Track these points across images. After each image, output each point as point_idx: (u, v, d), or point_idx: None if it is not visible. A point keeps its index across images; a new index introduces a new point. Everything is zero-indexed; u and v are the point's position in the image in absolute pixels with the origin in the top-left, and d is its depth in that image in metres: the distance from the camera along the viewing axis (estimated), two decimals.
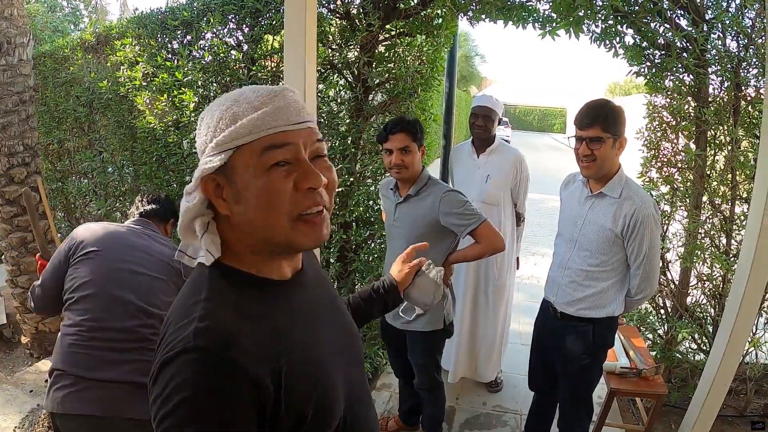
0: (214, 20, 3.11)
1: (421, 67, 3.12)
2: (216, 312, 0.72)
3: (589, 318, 2.06)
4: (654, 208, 1.95)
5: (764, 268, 2.02)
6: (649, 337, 3.17)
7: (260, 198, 0.74)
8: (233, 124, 0.74)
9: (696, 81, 2.85)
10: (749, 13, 2.79)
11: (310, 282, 0.90)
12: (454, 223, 2.08)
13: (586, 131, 1.91)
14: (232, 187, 0.76)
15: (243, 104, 0.75)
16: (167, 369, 0.67)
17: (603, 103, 1.96)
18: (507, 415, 3.03)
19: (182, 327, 0.70)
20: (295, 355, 0.76)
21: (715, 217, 3.00)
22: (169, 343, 0.69)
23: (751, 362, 3.05)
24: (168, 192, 3.57)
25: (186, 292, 0.79)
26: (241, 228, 0.78)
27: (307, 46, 1.92)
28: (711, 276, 2.99)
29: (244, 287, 0.78)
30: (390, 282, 1.31)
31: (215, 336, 0.68)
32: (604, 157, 1.91)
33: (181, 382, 0.65)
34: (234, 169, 0.75)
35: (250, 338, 0.71)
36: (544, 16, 2.90)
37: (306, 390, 0.75)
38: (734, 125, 2.81)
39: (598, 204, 2.00)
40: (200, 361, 0.66)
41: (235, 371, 0.67)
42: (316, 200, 0.77)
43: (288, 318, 0.80)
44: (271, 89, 0.77)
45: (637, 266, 1.97)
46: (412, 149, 2.08)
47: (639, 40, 2.91)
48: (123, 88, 3.44)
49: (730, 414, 3.01)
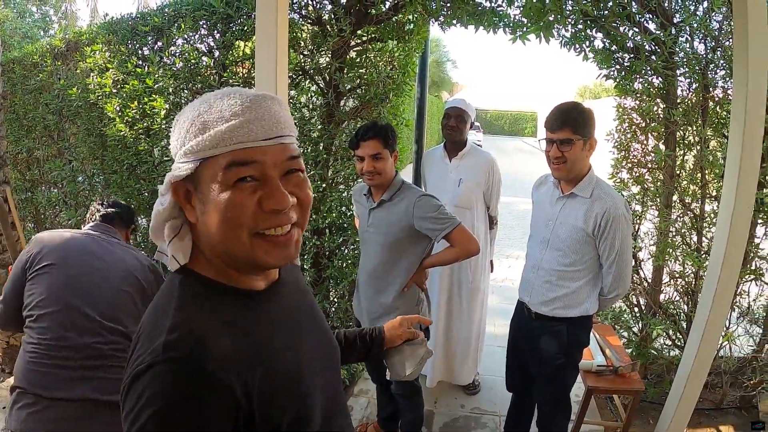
0: (185, 26, 3.07)
1: (392, 72, 3.13)
2: (186, 322, 0.70)
3: (563, 317, 2.08)
4: (625, 207, 1.98)
5: (735, 264, 2.05)
6: (624, 335, 3.22)
7: (222, 212, 0.72)
8: (201, 134, 0.72)
9: (665, 83, 2.91)
10: (716, 16, 2.86)
11: (287, 292, 0.89)
12: (428, 227, 2.08)
13: (556, 134, 1.94)
14: (198, 197, 0.75)
15: (214, 113, 0.72)
16: (138, 383, 0.65)
17: (572, 106, 1.99)
18: (485, 417, 3.04)
19: (152, 339, 0.69)
20: (272, 364, 0.75)
21: (685, 216, 3.06)
22: (140, 356, 0.68)
23: (726, 356, 3.11)
24: (139, 201, 3.52)
25: (157, 302, 0.77)
26: (207, 237, 0.76)
27: (278, 53, 1.90)
28: (683, 273, 3.05)
29: (216, 297, 0.76)
30: (379, 335, 1.26)
31: (185, 347, 0.67)
32: (575, 159, 1.94)
33: (152, 395, 0.64)
34: (200, 179, 0.73)
35: (221, 347, 0.69)
36: (515, 20, 2.93)
37: (282, 400, 0.74)
38: (703, 125, 2.87)
39: (570, 204, 2.03)
40: (171, 372, 0.65)
41: (206, 380, 0.66)
42: (280, 221, 0.75)
43: (264, 327, 0.79)
44: (247, 98, 0.74)
45: (609, 265, 1.99)
46: (383, 156, 2.07)
47: (608, 44, 2.97)
48: (93, 95, 3.37)
49: (707, 407, 3.07)
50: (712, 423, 2.99)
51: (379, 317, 2.22)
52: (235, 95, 0.74)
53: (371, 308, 2.27)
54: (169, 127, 3.24)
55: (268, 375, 0.73)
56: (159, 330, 0.69)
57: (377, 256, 2.20)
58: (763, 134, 2.01)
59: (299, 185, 0.78)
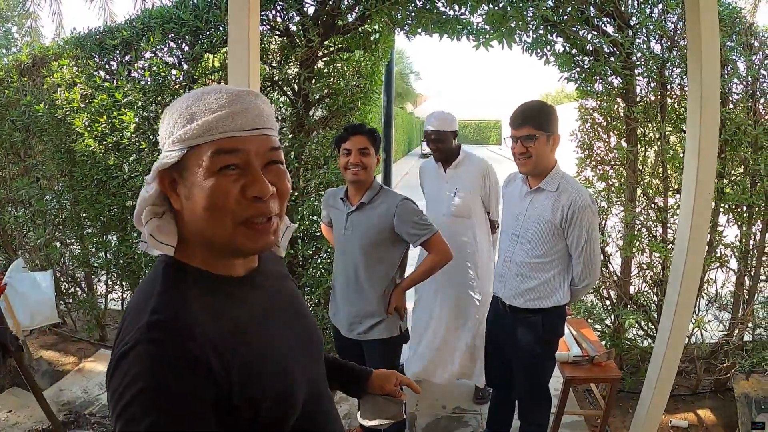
0: (154, 39, 3.08)
1: (360, 81, 3.18)
2: (169, 305, 0.73)
3: (537, 309, 2.13)
4: (590, 198, 2.05)
5: (699, 251, 2.14)
6: (597, 327, 3.30)
7: (206, 198, 0.75)
8: (189, 123, 0.76)
9: (624, 83, 3.04)
10: (671, 17, 3.01)
11: (266, 279, 0.91)
12: (408, 231, 2.11)
13: (520, 130, 2.01)
14: (184, 184, 0.78)
15: (202, 105, 0.76)
16: (123, 363, 0.67)
17: (534, 103, 2.08)
18: (467, 415, 3.06)
19: (136, 321, 0.71)
20: (250, 348, 0.78)
21: (649, 209, 3.18)
22: (124, 337, 0.70)
23: (698, 342, 3.23)
24: (109, 217, 3.47)
25: (141, 287, 0.80)
26: (191, 224, 0.80)
27: (250, 65, 1.93)
28: (651, 264, 3.17)
29: (198, 282, 0.79)
30: (367, 376, 1.24)
31: (168, 327, 0.70)
32: (539, 154, 2.01)
33: (137, 374, 0.66)
34: (186, 167, 0.77)
35: (202, 329, 0.72)
36: (478, 28, 3.02)
37: (261, 381, 0.77)
38: (662, 122, 3.01)
39: (537, 198, 2.10)
40: (154, 352, 0.67)
41: (189, 360, 0.68)
42: (261, 210, 0.78)
43: (242, 312, 0.81)
44: (234, 92, 0.78)
45: (578, 255, 2.06)
46: (370, 152, 2.11)
47: (568, 48, 3.09)
48: (60, 110, 3.32)
49: (683, 393, 3.18)
50: (689, 408, 3.09)
51: (360, 322, 2.22)
52: (222, 90, 0.78)
53: (351, 313, 2.25)
54: (138, 141, 3.23)
55: (246, 355, 0.76)
56: (142, 312, 0.72)
57: (356, 260, 2.20)
58: (718, 127, 2.12)
59: (279, 176, 0.81)
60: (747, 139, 2.92)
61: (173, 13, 3.10)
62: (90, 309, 3.72)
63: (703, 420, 2.98)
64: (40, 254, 3.83)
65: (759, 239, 3.15)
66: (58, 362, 3.53)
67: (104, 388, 3.11)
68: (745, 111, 2.98)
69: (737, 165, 3.08)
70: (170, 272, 0.79)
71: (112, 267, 3.72)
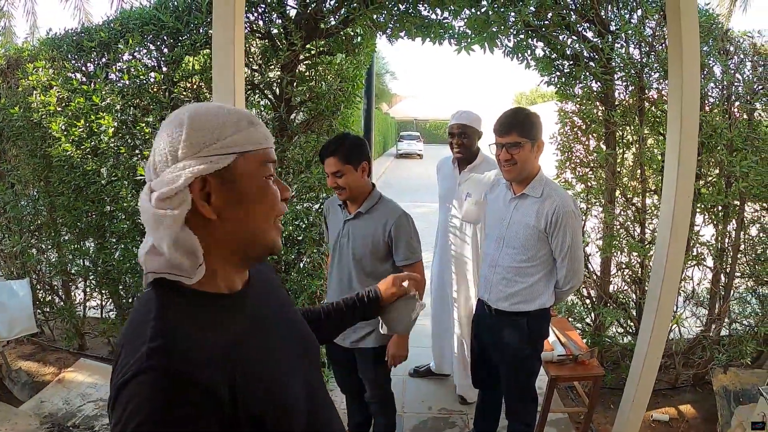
0: (132, 41, 3.02)
1: (342, 84, 3.17)
2: (166, 329, 0.72)
3: (522, 311, 2.17)
4: (573, 203, 2.10)
5: (679, 251, 2.19)
6: (578, 326, 3.37)
7: (262, 202, 0.83)
8: (238, 132, 0.80)
9: (603, 87, 3.10)
10: (649, 23, 3.08)
11: (259, 292, 0.92)
12: (399, 247, 2.12)
13: (505, 138, 2.04)
14: (229, 191, 0.79)
15: (239, 115, 0.82)
16: (123, 393, 0.66)
17: (519, 110, 2.11)
18: (453, 416, 3.09)
19: (135, 349, 0.69)
20: (249, 363, 0.77)
21: (628, 210, 3.26)
22: (123, 367, 0.69)
23: (676, 338, 3.32)
24: (87, 224, 3.40)
25: (134, 316, 0.78)
26: (227, 232, 0.81)
27: (235, 68, 1.92)
28: (629, 263, 3.25)
29: (192, 301, 0.79)
30: (375, 294, 1.33)
31: (167, 353, 0.69)
32: (524, 161, 2.05)
33: (138, 404, 0.65)
34: (235, 173, 0.79)
35: (202, 350, 0.71)
36: (460, 32, 3.05)
37: (263, 396, 0.77)
38: (640, 125, 3.08)
39: (522, 204, 2.13)
40: (155, 380, 0.66)
41: (190, 385, 0.67)
42: (285, 209, 0.89)
43: (240, 328, 0.81)
44: (250, 111, 0.88)
45: (562, 259, 2.10)
46: (344, 171, 2.06)
47: (549, 52, 3.14)
48: (36, 114, 3.23)
49: (663, 388, 3.27)
50: (670, 402, 3.18)
51: (353, 331, 2.21)
52: (237, 107, 0.85)
53: None
54: (118, 145, 3.16)
55: (248, 371, 0.76)
56: (140, 339, 0.70)
57: (350, 268, 2.20)
58: (698, 129, 2.17)
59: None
60: (723, 142, 3.01)
61: (153, 14, 3.05)
62: (68, 318, 3.63)
63: (683, 413, 3.07)
64: (16, 262, 3.73)
65: (734, 238, 3.25)
66: (37, 373, 3.44)
67: (86, 398, 3.07)
68: (721, 114, 3.07)
69: (713, 166, 3.17)
70: (164, 295, 0.78)
71: (90, 274, 3.64)
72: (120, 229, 3.29)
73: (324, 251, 3.15)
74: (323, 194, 3.18)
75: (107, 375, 3.35)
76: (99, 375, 3.37)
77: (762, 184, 3.04)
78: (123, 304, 3.57)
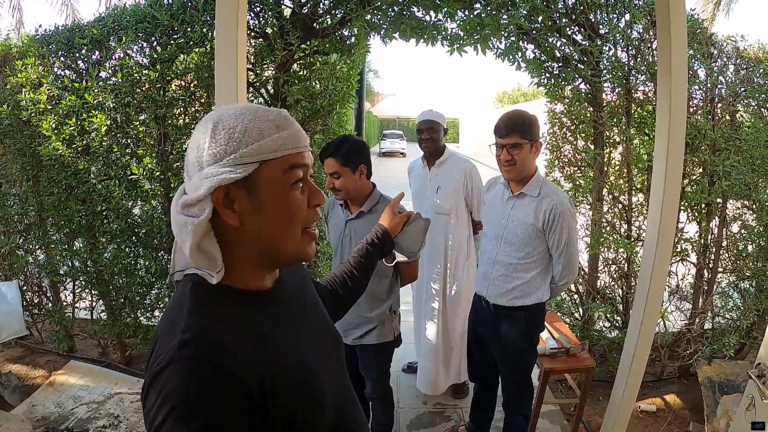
0: (126, 38, 2.99)
1: (337, 84, 3.19)
2: (199, 322, 0.74)
3: (520, 306, 2.24)
4: (569, 203, 2.17)
5: (667, 246, 2.25)
6: (567, 321, 3.46)
7: (283, 212, 0.80)
8: (261, 139, 0.78)
9: (592, 89, 3.18)
10: (637, 27, 3.17)
11: (290, 291, 0.94)
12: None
13: (505, 139, 2.11)
14: (251, 200, 0.79)
15: (265, 121, 0.79)
16: (156, 382, 0.68)
17: (519, 113, 2.18)
18: (448, 410, 3.15)
19: (168, 341, 0.72)
20: (281, 360, 0.79)
21: (615, 207, 3.35)
22: (157, 358, 0.71)
23: (661, 331, 3.43)
24: (78, 224, 3.35)
25: (170, 309, 0.81)
26: (251, 239, 0.81)
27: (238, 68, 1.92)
28: (616, 259, 3.34)
29: (225, 298, 0.81)
30: (382, 230, 1.40)
31: (199, 344, 0.71)
32: (523, 161, 2.13)
33: (170, 392, 0.67)
34: (257, 182, 0.79)
35: (233, 344, 0.73)
36: (453, 34, 3.09)
37: (293, 393, 0.79)
38: (627, 125, 3.17)
39: (520, 203, 2.20)
40: (187, 369, 0.68)
41: (222, 376, 0.69)
42: (318, 216, 0.86)
43: (271, 325, 0.83)
44: (279, 112, 0.82)
45: (558, 255, 2.18)
46: (342, 173, 2.09)
47: (539, 54, 3.21)
48: (25, 112, 3.18)
49: (650, 379, 3.37)
50: (656, 393, 3.29)
51: (355, 328, 2.25)
52: (267, 110, 0.82)
53: (347, 320, 2.22)
54: (111, 144, 3.13)
55: (279, 368, 0.78)
56: (174, 332, 0.73)
57: None
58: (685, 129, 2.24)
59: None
60: (706, 142, 3.12)
61: (147, 11, 3.02)
62: (58, 319, 3.58)
63: (670, 404, 3.17)
64: (4, 263, 3.66)
65: (717, 234, 3.37)
66: (27, 376, 3.38)
67: (78, 401, 3.04)
68: (705, 115, 3.18)
69: (697, 166, 3.28)
70: (198, 291, 0.80)
71: (80, 275, 3.59)
72: (111, 230, 3.25)
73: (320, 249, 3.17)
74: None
75: (98, 377, 3.34)
76: (90, 377, 3.33)
77: (744, 183, 3.17)
78: (114, 305, 3.53)
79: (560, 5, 3.10)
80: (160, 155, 3.09)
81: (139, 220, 3.31)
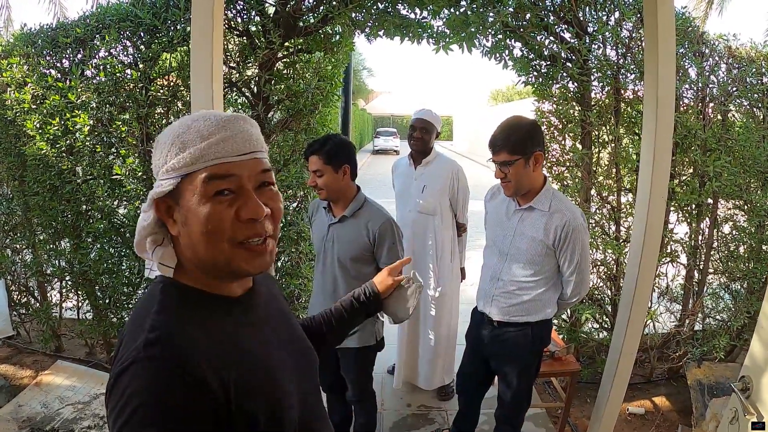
0: (109, 37, 2.97)
1: (320, 83, 3.15)
2: (165, 323, 0.75)
3: (525, 322, 2.12)
4: (582, 217, 2.02)
5: (654, 248, 2.22)
6: (555, 322, 3.41)
7: (202, 224, 0.77)
8: (182, 152, 0.78)
9: (580, 87, 3.14)
10: (626, 25, 3.12)
11: (261, 299, 0.94)
12: (381, 254, 2.13)
13: (496, 156, 1.98)
14: (179, 211, 0.80)
15: (193, 132, 0.78)
16: (121, 380, 0.69)
17: (510, 125, 1.99)
18: (432, 412, 3.12)
19: (134, 340, 0.73)
20: (245, 365, 0.79)
21: (603, 208, 3.31)
22: (122, 356, 0.72)
23: (651, 333, 3.39)
24: (63, 223, 3.34)
25: (139, 308, 0.82)
26: (188, 249, 0.82)
27: (213, 66, 1.90)
28: (605, 261, 3.29)
29: (194, 301, 0.82)
30: (372, 290, 1.36)
31: (164, 344, 0.72)
32: (518, 178, 1.97)
33: (135, 391, 0.67)
34: (181, 194, 0.79)
35: (198, 346, 0.74)
36: (438, 32, 3.06)
37: (257, 399, 0.79)
38: (616, 125, 3.13)
39: (528, 217, 2.05)
40: (151, 368, 0.69)
41: (184, 376, 0.69)
42: (257, 230, 0.80)
43: (239, 330, 0.84)
44: (222, 118, 0.80)
45: (570, 273, 2.04)
46: (324, 171, 2.07)
47: (526, 53, 3.17)
48: (10, 111, 3.17)
49: (639, 381, 3.34)
50: (645, 395, 3.26)
51: None
52: (211, 117, 0.80)
53: None
54: (94, 144, 3.12)
55: (243, 373, 0.78)
56: (139, 331, 0.73)
57: (335, 273, 2.20)
58: (672, 129, 2.19)
59: (272, 198, 0.84)
60: (697, 142, 3.08)
61: (129, 10, 3.00)
62: (45, 319, 3.57)
63: (658, 406, 3.14)
64: None
65: (707, 235, 3.32)
66: (14, 376, 3.38)
67: (64, 401, 3.03)
68: (696, 115, 3.13)
69: (687, 166, 3.23)
70: (167, 292, 0.81)
71: (66, 275, 3.58)
72: (96, 229, 3.24)
73: (302, 250, 3.15)
74: (300, 192, 3.17)
75: (85, 377, 3.33)
76: (76, 377, 3.32)
77: (734, 184, 3.12)
78: (100, 305, 3.52)
79: (548, 3, 3.06)
80: (143, 155, 3.07)
81: (124, 221, 3.29)
